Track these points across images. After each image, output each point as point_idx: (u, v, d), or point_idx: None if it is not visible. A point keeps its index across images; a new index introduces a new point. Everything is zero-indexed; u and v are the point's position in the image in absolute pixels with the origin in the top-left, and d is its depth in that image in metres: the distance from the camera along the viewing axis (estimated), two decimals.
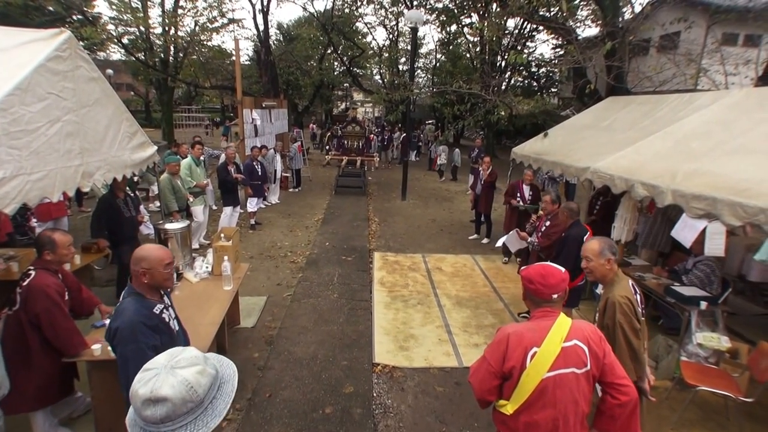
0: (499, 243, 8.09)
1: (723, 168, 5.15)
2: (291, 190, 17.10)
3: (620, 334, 3.46)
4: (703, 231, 6.24)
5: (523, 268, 2.97)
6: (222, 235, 6.44)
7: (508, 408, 2.74)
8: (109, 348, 4.21)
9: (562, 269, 2.92)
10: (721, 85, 12.70)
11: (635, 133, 7.39)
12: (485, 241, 11.47)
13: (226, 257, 5.98)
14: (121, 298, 3.27)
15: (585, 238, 6.04)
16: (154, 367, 1.97)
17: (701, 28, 17.78)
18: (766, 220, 4.28)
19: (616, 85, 12.18)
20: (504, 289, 8.60)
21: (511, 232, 7.87)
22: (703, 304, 5.99)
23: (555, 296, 2.83)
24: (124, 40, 23.01)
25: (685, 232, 6.53)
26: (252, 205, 11.94)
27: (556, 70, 31.34)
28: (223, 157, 11.37)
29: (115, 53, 30.15)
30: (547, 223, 7.04)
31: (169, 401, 1.88)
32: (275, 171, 14.65)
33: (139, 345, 3.06)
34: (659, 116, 7.54)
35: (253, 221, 12.03)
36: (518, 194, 9.82)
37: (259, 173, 12.17)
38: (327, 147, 26.11)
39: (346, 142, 18.49)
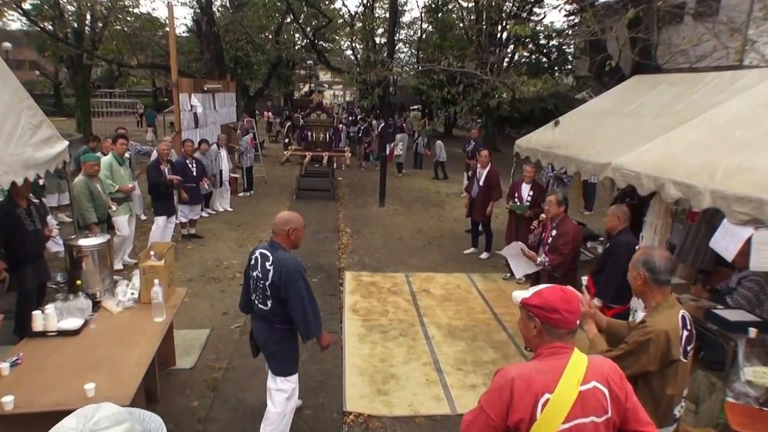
0: (502, 253, 8.07)
1: None
2: (241, 194, 17.04)
3: (624, 349, 3.67)
4: (749, 241, 6.30)
5: (527, 294, 2.92)
6: (152, 252, 6.37)
7: None
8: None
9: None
10: None
11: (666, 119, 7.47)
12: (484, 255, 11.52)
13: (157, 281, 5.91)
14: (266, 257, 4.89)
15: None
16: None
17: None
18: None
19: (643, 61, 12.33)
20: (508, 315, 8.63)
21: (512, 245, 7.84)
22: (752, 331, 6.05)
23: (577, 323, 2.85)
24: (26, 6, 22.67)
25: (726, 241, 6.60)
26: (185, 214, 11.82)
27: (569, 42, 31.67)
28: (154, 154, 11.28)
29: (15, 22, 29.75)
30: (554, 233, 7.04)
31: None
32: (221, 171, 14.59)
33: (306, 281, 4.86)
34: (695, 99, 7.64)
35: (186, 231, 11.93)
36: (516, 195, 9.89)
37: (194, 173, 12.08)
38: (286, 140, 26.04)
39: (309, 133, 18.45)
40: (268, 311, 4.94)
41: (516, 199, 9.84)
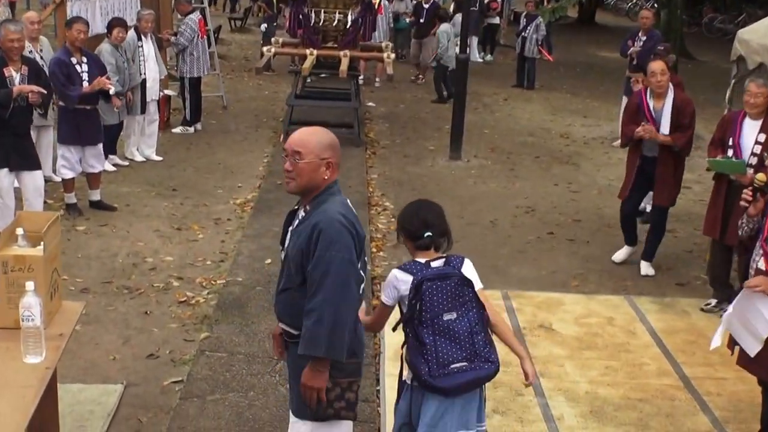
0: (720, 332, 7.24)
1: None
2: (179, 129, 17.28)
3: None
4: None
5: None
6: (19, 230, 6.35)
7: None
8: None
9: None
10: None
11: None
12: (646, 269, 11.32)
13: (30, 285, 5.89)
14: None
15: None
16: None
17: None
18: None
19: None
20: (711, 381, 8.50)
21: (738, 305, 7.19)
22: None
23: None
24: None
25: None
26: (70, 163, 11.69)
27: None
28: None
29: None
30: None
31: None
32: (144, 83, 14.69)
33: None
34: None
35: (73, 198, 12.06)
36: (731, 142, 9.59)
37: (85, 81, 11.84)
38: (265, 26, 26.06)
39: (312, 14, 18.40)
40: None
41: (729, 149, 9.62)
